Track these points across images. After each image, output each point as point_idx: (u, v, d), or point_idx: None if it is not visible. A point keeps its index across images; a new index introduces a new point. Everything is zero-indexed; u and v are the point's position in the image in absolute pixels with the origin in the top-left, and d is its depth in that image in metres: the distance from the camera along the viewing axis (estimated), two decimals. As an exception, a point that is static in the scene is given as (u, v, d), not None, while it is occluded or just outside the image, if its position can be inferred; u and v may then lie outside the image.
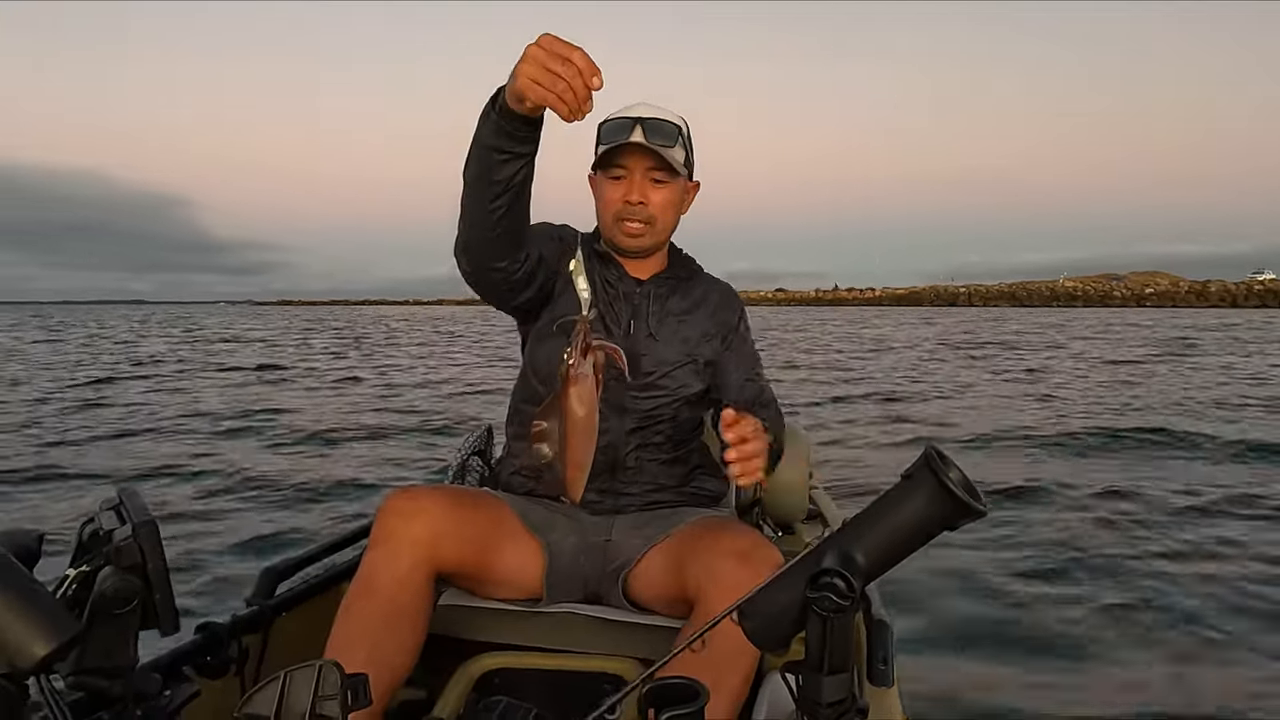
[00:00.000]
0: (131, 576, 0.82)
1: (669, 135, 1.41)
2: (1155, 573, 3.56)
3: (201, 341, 25.66)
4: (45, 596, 0.70)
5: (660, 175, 1.43)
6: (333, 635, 1.25)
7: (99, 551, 0.85)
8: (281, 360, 17.10)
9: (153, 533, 0.85)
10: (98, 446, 6.90)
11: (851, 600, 0.73)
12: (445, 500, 1.31)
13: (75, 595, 0.83)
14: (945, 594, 3.30)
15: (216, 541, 4.10)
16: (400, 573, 1.25)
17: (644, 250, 1.50)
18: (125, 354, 19.36)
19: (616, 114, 1.44)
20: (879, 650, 1.27)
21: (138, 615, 0.83)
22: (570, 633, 1.40)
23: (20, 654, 0.66)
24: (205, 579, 3.53)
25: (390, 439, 7.37)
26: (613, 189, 1.45)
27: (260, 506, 4.89)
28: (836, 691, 0.75)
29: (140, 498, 0.92)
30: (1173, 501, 4.74)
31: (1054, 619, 3.07)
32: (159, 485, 5.47)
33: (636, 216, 1.44)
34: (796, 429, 2.04)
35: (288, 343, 25.21)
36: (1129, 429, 7.28)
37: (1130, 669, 2.68)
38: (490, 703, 1.17)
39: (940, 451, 0.75)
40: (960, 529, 0.75)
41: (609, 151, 1.41)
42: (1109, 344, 20.99)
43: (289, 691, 0.76)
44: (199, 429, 7.87)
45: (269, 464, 6.15)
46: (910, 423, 8.20)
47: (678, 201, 1.49)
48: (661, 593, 1.35)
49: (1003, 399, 9.98)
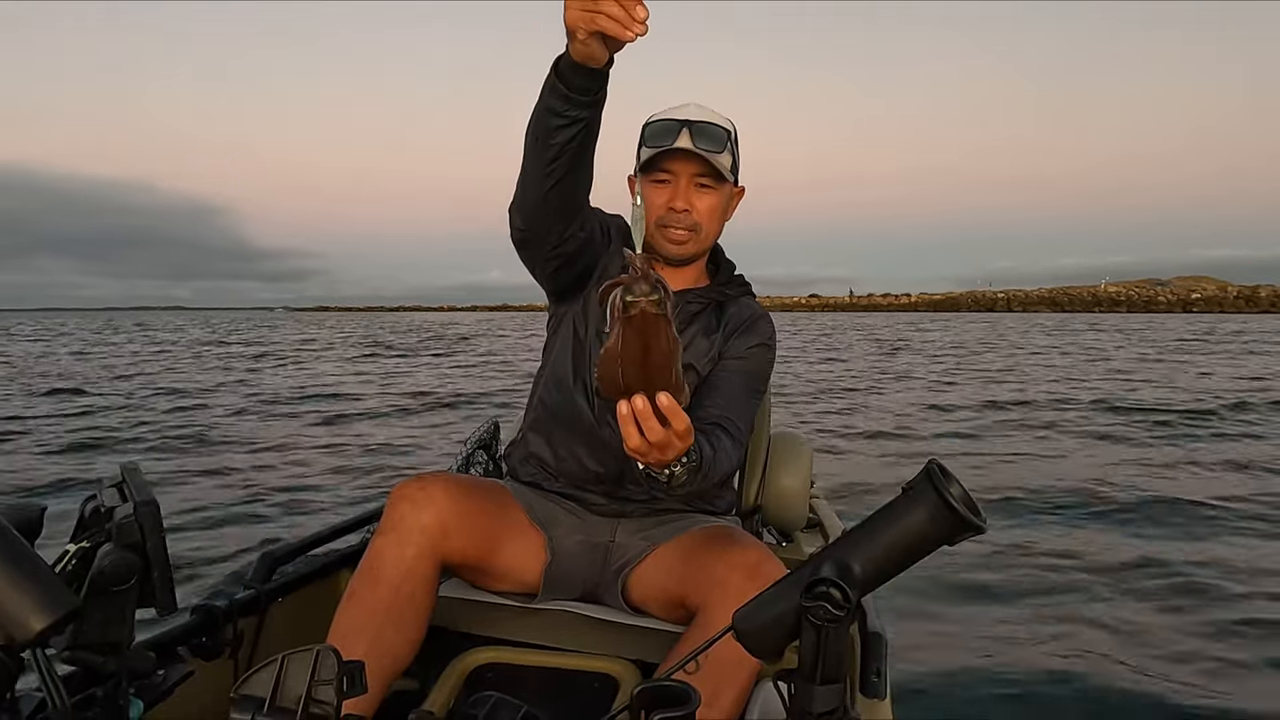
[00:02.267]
0: (131, 554, 0.83)
1: (718, 140, 1.36)
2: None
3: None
4: (44, 570, 0.70)
5: (707, 181, 1.39)
6: (335, 621, 1.25)
7: (100, 528, 0.86)
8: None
9: (153, 512, 0.85)
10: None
11: (847, 611, 0.73)
12: (456, 489, 1.31)
13: (74, 571, 0.83)
14: (946, 608, 3.29)
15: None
16: (407, 561, 1.25)
17: (688, 258, 1.45)
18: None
19: (662, 115, 1.39)
20: (873, 662, 1.26)
21: (135, 593, 0.84)
22: (565, 631, 1.40)
23: (17, 626, 0.66)
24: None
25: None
26: (657, 193, 1.40)
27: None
28: (828, 702, 0.75)
29: (142, 476, 0.93)
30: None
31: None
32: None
33: (682, 224, 1.40)
34: (799, 438, 2.04)
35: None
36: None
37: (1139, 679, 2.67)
38: (481, 698, 1.17)
39: (943, 466, 0.75)
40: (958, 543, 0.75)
41: (655, 155, 1.37)
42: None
43: (285, 675, 0.76)
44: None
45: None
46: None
47: (723, 208, 1.44)
48: (660, 597, 1.35)
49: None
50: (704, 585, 1.23)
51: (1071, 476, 5.88)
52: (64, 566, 0.84)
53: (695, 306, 1.47)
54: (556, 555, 1.39)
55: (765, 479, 1.91)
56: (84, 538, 0.86)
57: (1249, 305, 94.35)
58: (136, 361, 17.34)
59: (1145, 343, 25.19)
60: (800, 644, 0.76)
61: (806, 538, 2.14)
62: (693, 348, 1.44)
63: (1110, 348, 22.22)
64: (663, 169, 1.39)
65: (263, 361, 17.43)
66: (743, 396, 1.42)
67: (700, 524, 1.42)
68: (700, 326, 1.46)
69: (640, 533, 1.44)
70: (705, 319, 1.47)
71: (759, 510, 1.92)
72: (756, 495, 1.90)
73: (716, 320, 1.48)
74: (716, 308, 1.50)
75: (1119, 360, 17.10)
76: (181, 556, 3.69)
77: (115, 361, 17.41)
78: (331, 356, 18.79)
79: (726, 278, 1.53)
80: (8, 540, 0.69)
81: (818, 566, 0.76)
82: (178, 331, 38.51)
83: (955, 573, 3.69)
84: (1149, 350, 20.41)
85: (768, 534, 2.03)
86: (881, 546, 0.76)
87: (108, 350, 22.02)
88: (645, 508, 1.46)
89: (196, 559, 3.78)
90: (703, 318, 1.47)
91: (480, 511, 1.33)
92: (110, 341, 28.78)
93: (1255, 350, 20.45)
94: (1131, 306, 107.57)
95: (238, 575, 1.56)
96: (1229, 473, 6.14)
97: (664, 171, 1.39)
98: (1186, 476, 6.02)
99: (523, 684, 1.32)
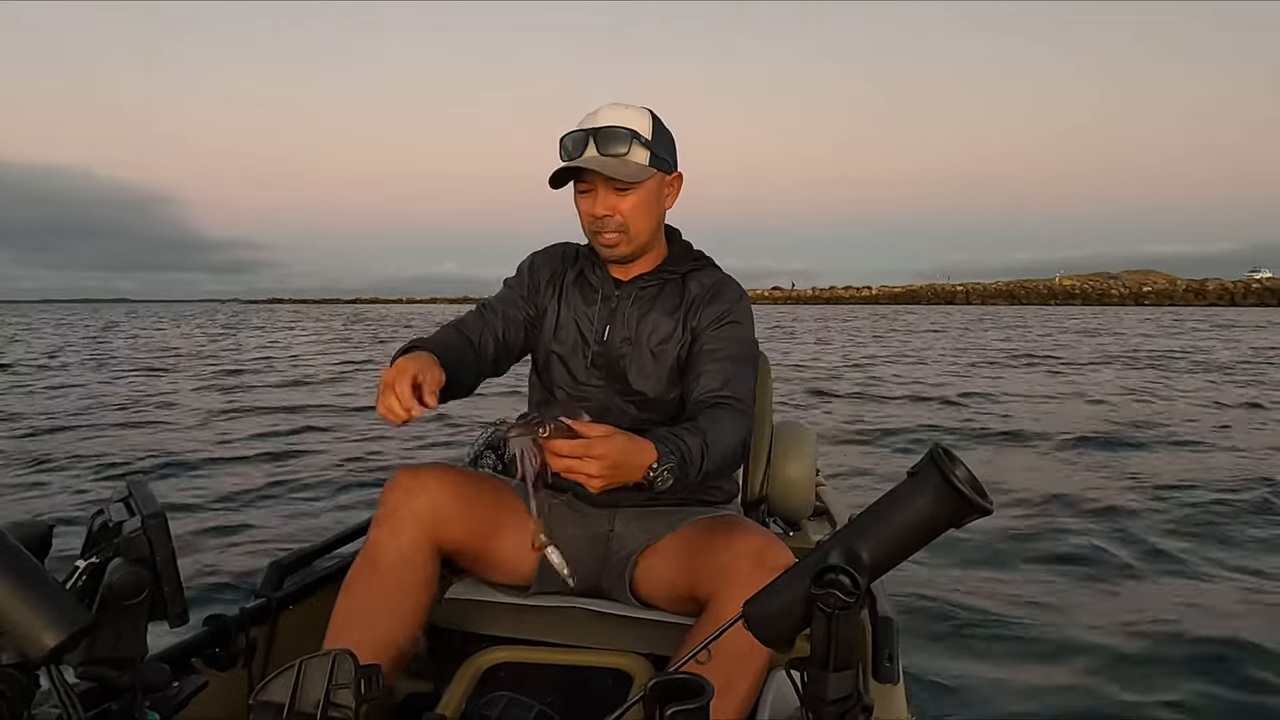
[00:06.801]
0: (140, 568, 0.83)
1: (623, 141, 1.38)
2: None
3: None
4: (56, 587, 0.70)
5: (621, 184, 1.40)
6: (334, 611, 1.28)
7: (109, 543, 0.86)
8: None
9: (161, 525, 0.85)
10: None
11: (856, 597, 0.74)
12: (450, 478, 1.34)
13: (85, 586, 0.83)
14: (953, 589, 3.30)
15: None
16: (403, 548, 1.28)
17: (627, 256, 1.47)
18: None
19: (577, 126, 1.42)
20: (884, 647, 1.27)
21: (147, 606, 0.84)
22: (577, 628, 1.40)
23: (31, 644, 0.67)
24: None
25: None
26: (582, 202, 1.44)
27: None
28: (841, 688, 0.75)
29: (149, 489, 0.93)
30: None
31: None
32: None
33: (609, 228, 1.42)
34: (802, 426, 2.04)
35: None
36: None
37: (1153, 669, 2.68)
38: (495, 698, 1.18)
39: (947, 449, 0.75)
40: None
41: (568, 170, 1.40)
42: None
43: (304, 679, 0.76)
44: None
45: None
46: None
47: (651, 202, 1.45)
48: (669, 590, 1.35)
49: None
50: (711, 575, 1.23)
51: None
52: (74, 583, 0.84)
53: (651, 289, 1.50)
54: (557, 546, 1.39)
55: (770, 469, 1.91)
56: (93, 553, 0.86)
57: (1198, 298, 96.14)
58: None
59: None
60: (811, 632, 0.77)
61: (814, 526, 2.14)
62: (656, 330, 1.47)
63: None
64: (583, 179, 1.42)
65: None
66: (732, 365, 1.42)
67: (700, 513, 1.43)
68: (660, 308, 1.49)
69: (638, 521, 1.44)
70: (666, 299, 1.49)
71: (765, 500, 1.92)
72: (762, 485, 1.90)
73: (680, 298, 1.50)
74: (679, 286, 1.51)
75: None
76: (189, 568, 3.70)
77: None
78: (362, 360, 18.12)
79: (679, 256, 1.56)
80: (19, 559, 0.70)
81: (826, 554, 0.76)
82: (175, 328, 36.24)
83: (962, 550, 3.70)
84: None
85: (774, 524, 2.03)
86: (888, 531, 0.76)
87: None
88: (641, 496, 1.47)
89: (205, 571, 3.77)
90: (662, 299, 1.49)
91: (476, 500, 1.35)
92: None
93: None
94: (1086, 299, 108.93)
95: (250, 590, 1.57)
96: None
97: (583, 182, 1.43)
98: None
99: (536, 683, 1.33)
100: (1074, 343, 21.53)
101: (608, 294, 1.50)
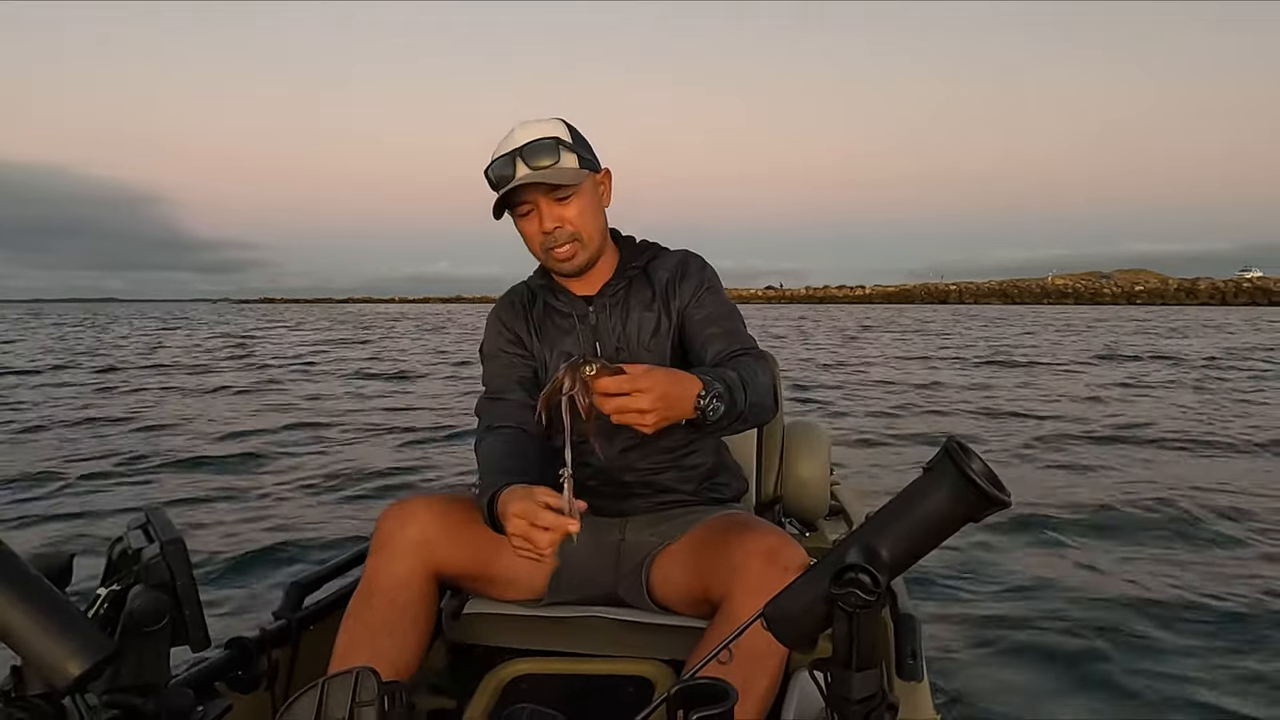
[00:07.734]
0: (161, 594, 0.83)
1: (550, 151, 1.37)
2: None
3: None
4: (79, 616, 0.70)
5: (561, 193, 1.39)
6: (337, 643, 1.29)
7: (128, 570, 0.86)
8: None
9: (180, 550, 0.86)
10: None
11: (877, 595, 0.73)
12: (437, 506, 1.36)
13: (107, 614, 0.84)
14: (976, 589, 3.28)
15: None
16: (399, 575, 1.31)
17: (583, 266, 1.46)
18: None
19: (495, 154, 1.40)
20: (907, 645, 1.26)
21: (169, 632, 0.84)
22: (595, 636, 1.40)
23: (56, 673, 0.67)
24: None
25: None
26: (527, 224, 1.42)
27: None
28: (866, 688, 0.75)
29: (166, 516, 0.94)
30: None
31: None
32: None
33: (562, 240, 1.41)
34: (815, 425, 2.03)
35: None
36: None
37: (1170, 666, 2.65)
38: (517, 710, 1.17)
39: (962, 443, 0.75)
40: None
41: (507, 195, 1.38)
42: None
43: (327, 699, 0.77)
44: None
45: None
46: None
47: (593, 203, 1.44)
48: (684, 593, 1.35)
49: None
50: (724, 575, 1.23)
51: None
52: (96, 610, 0.84)
53: (621, 292, 1.49)
54: (565, 557, 1.39)
55: (782, 468, 1.90)
56: (114, 580, 0.87)
57: (1190, 297, 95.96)
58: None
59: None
60: (833, 632, 0.76)
61: (830, 525, 2.13)
62: (642, 328, 1.47)
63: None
64: (521, 201, 1.40)
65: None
66: (729, 323, 1.46)
67: (711, 512, 1.42)
68: (638, 305, 1.48)
69: (650, 528, 1.44)
70: (638, 295, 1.49)
71: (779, 501, 1.92)
72: (776, 486, 1.89)
73: (651, 289, 1.50)
74: (644, 279, 1.51)
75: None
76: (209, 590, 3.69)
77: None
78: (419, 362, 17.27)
79: (633, 251, 1.55)
80: (41, 589, 0.70)
81: (844, 553, 0.76)
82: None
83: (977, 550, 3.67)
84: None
85: (790, 525, 2.03)
86: (906, 528, 0.76)
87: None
88: (650, 503, 1.47)
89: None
90: (635, 296, 1.49)
91: (468, 523, 1.35)
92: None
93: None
94: (1079, 298, 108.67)
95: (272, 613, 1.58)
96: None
97: (523, 204, 1.40)
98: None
99: (557, 693, 1.33)
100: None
101: (581, 314, 1.48)
